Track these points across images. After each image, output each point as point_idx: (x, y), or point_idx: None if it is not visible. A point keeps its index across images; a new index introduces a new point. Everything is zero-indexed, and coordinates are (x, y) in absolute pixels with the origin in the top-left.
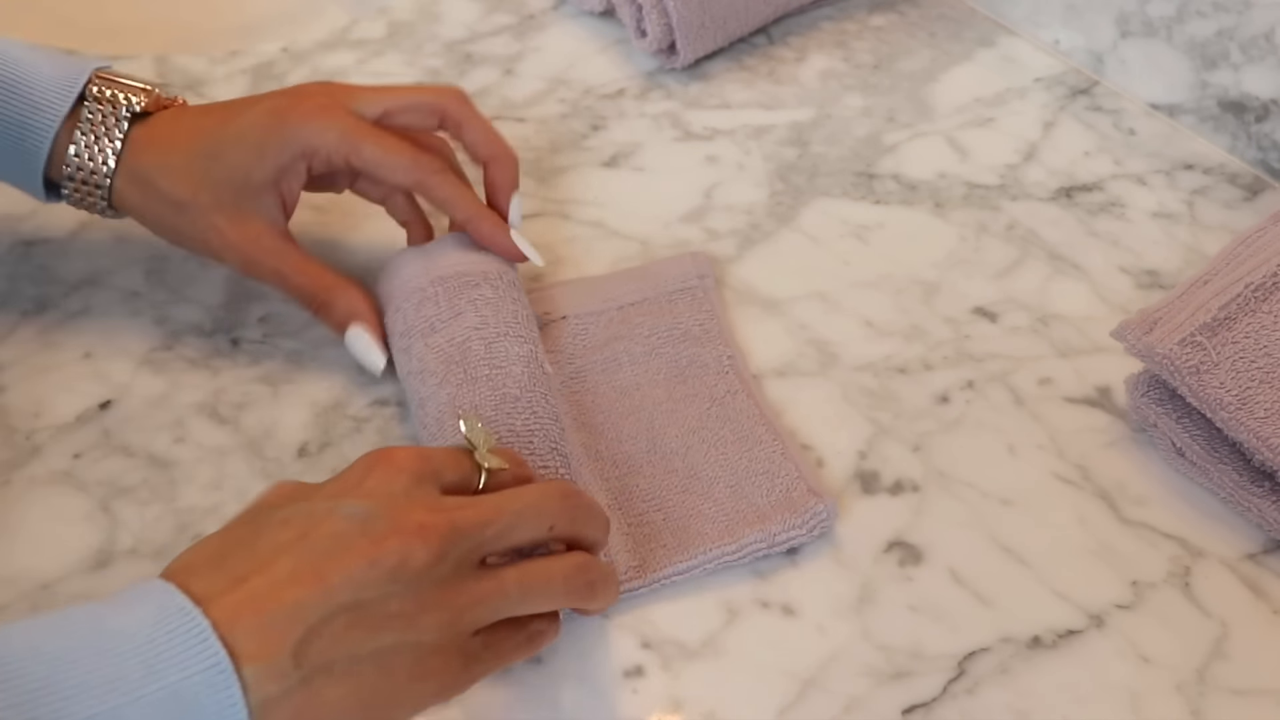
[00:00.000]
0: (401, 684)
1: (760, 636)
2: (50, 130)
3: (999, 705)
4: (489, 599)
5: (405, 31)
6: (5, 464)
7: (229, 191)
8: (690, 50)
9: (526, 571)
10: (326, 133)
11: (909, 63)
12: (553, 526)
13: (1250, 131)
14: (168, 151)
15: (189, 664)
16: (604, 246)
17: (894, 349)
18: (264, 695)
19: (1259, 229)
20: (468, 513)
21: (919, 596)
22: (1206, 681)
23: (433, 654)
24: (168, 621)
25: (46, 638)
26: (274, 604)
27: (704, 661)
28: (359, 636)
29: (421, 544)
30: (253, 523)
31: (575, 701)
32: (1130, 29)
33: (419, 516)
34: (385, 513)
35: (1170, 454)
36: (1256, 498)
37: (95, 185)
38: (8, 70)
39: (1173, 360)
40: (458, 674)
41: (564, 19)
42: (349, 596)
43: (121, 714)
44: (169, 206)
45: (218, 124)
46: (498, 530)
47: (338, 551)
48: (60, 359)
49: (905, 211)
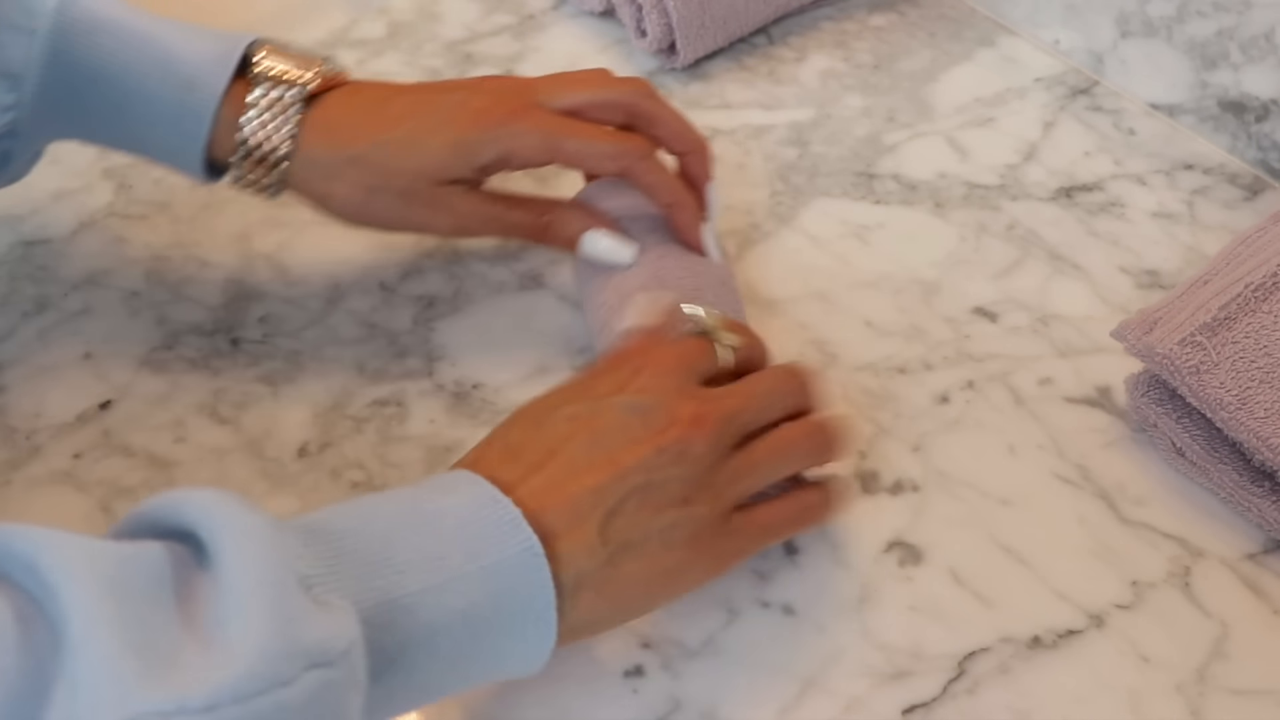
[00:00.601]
0: (682, 559)
1: (760, 636)
2: (209, 109)
3: (999, 705)
4: (744, 474)
5: (405, 31)
6: (5, 464)
7: (424, 182)
8: (690, 50)
9: (771, 442)
10: (527, 136)
11: (909, 63)
12: (792, 403)
13: (1250, 131)
14: (351, 140)
15: (506, 547)
16: None
17: (894, 349)
18: (577, 570)
19: (1259, 229)
20: (728, 402)
21: (919, 596)
22: (1206, 681)
23: (705, 530)
24: (481, 508)
25: (372, 517)
26: (577, 487)
27: (704, 661)
28: (648, 515)
29: (699, 433)
30: (536, 420)
31: (575, 701)
32: (1130, 29)
33: (692, 408)
34: (662, 406)
35: (1170, 454)
36: (1256, 498)
37: (270, 167)
38: (156, 48)
39: (1172, 360)
40: (725, 548)
41: (564, 19)
42: (640, 480)
43: (450, 588)
44: (359, 190)
45: (408, 112)
46: (754, 413)
47: (626, 442)
48: (60, 359)
49: (905, 211)
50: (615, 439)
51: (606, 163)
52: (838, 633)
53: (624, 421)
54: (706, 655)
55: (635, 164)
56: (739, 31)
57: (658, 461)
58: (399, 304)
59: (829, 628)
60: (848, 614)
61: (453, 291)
